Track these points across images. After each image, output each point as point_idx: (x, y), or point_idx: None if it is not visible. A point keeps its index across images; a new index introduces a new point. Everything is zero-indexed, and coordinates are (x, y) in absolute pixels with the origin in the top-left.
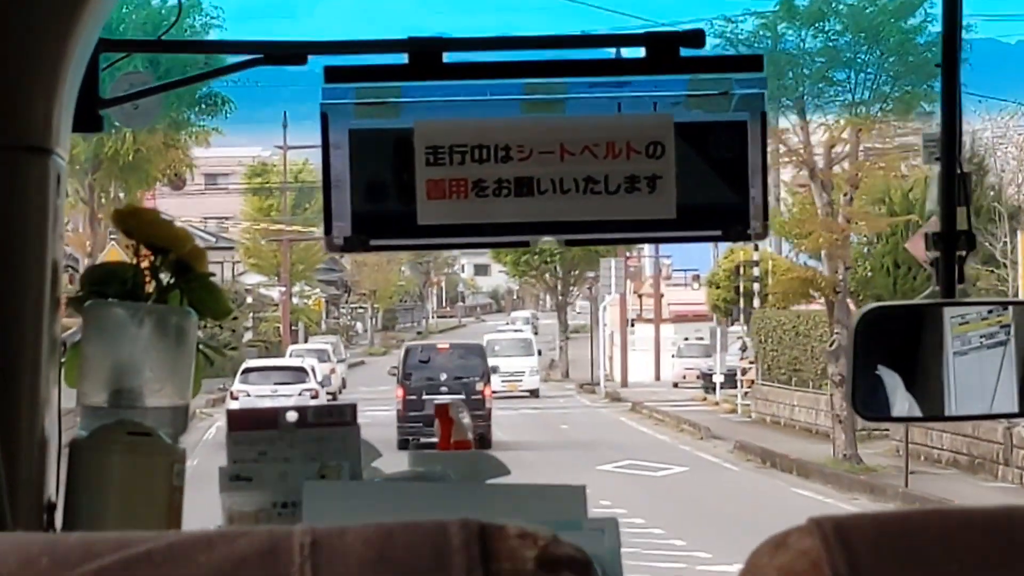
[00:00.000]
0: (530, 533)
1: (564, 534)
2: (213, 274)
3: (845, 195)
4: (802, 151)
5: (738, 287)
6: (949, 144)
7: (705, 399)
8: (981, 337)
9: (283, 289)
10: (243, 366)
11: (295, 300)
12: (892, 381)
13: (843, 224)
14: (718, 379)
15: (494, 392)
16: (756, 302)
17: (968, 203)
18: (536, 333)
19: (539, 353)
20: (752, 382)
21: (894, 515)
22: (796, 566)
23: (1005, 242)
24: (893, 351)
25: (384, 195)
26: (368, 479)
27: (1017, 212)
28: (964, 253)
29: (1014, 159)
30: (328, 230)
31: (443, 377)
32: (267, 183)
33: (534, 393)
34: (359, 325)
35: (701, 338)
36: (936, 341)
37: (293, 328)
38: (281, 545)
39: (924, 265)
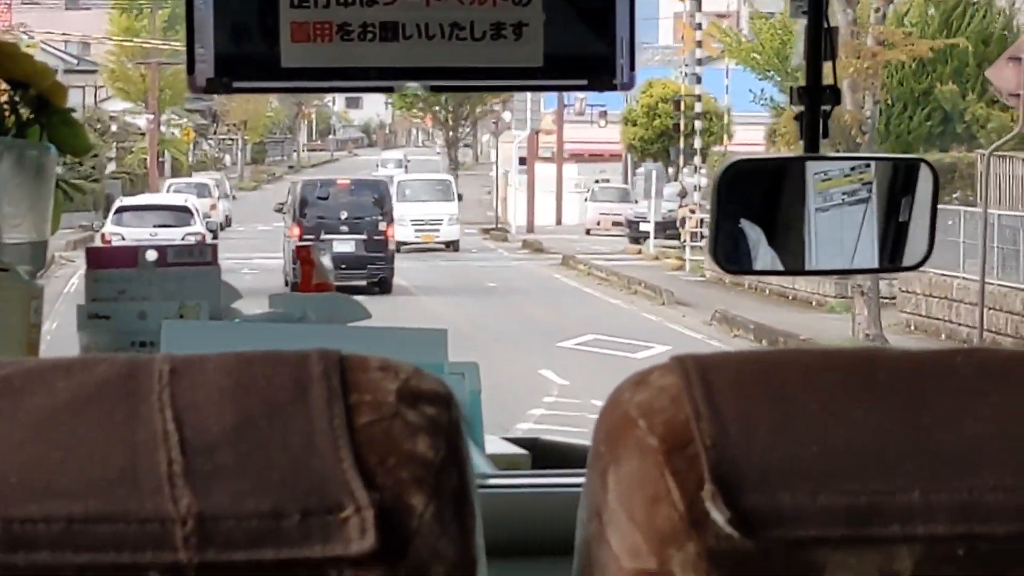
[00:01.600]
0: (392, 365)
1: None
2: (74, 110)
3: (877, 11)
4: None
5: (677, 124)
6: None
7: (640, 252)
8: (843, 194)
9: (151, 117)
10: (116, 204)
11: (163, 129)
12: (754, 235)
13: (875, 47)
14: (650, 228)
15: (406, 244)
16: (697, 141)
17: (834, 57)
18: (407, 173)
19: (460, 198)
20: (693, 233)
21: (758, 353)
22: (656, 402)
23: None
24: (755, 205)
25: (248, 37)
26: (227, 320)
27: None
28: (829, 108)
29: None
30: (191, 70)
31: (343, 215)
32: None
33: (454, 245)
34: (227, 158)
35: (607, 180)
36: (798, 197)
37: (160, 160)
38: (141, 372)
39: (1002, 97)
